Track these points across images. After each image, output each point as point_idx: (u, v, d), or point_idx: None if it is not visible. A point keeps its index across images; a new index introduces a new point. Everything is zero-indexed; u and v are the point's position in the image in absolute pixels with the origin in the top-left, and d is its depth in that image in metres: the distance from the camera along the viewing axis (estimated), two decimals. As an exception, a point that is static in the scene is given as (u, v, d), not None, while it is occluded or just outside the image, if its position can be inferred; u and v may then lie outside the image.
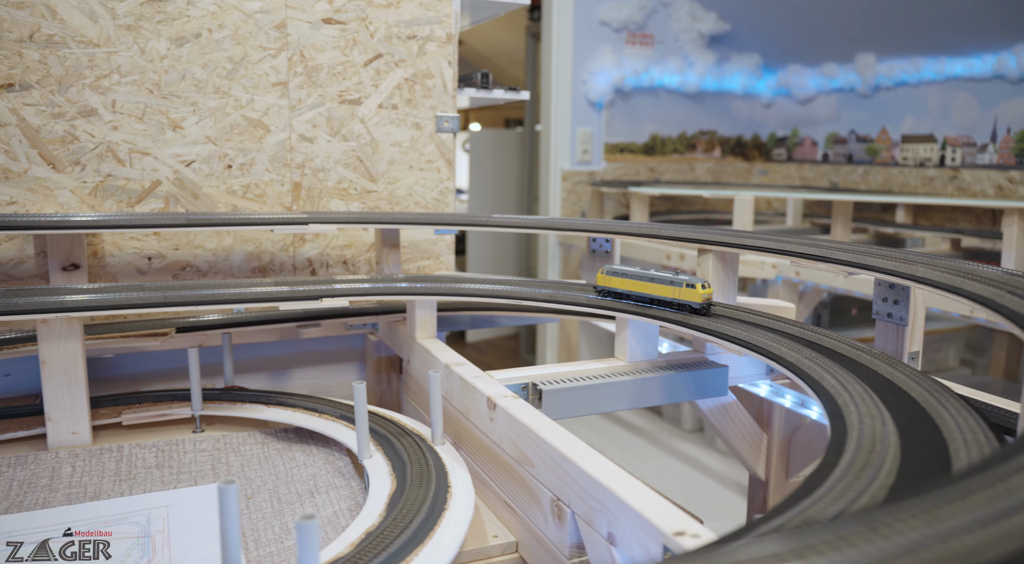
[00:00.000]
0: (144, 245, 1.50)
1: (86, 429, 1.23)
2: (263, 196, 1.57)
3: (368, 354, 1.66)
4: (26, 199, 1.41)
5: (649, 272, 1.20)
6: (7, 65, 1.37)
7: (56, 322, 1.17)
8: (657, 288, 1.17)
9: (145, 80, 1.46)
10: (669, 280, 1.16)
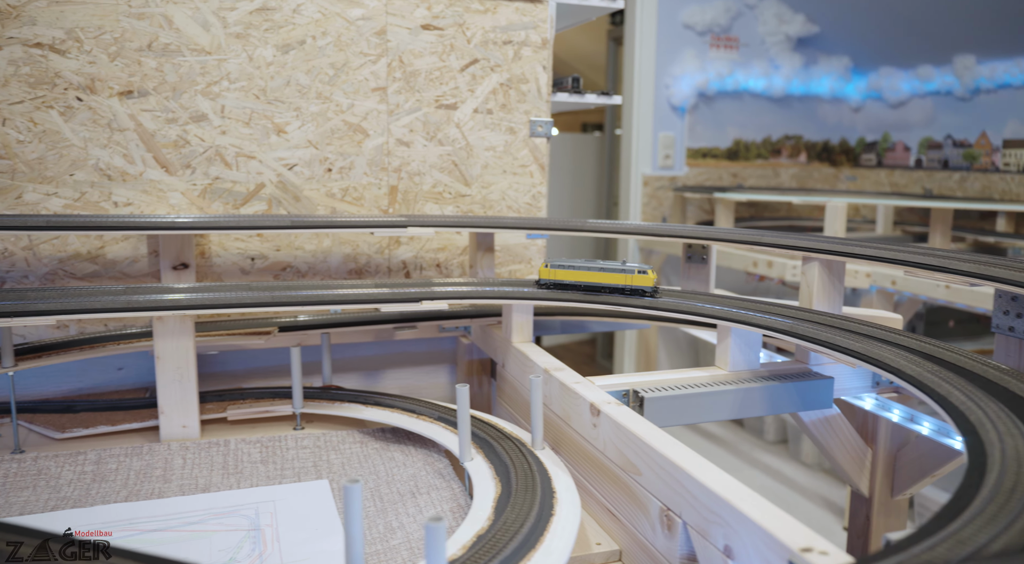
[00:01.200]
0: (248, 246, 1.55)
1: (195, 423, 1.27)
2: (361, 199, 1.60)
3: (459, 357, 1.68)
4: (141, 201, 1.47)
5: (596, 262, 1.30)
6: (127, 73, 1.43)
7: (171, 319, 1.22)
8: (609, 277, 1.28)
9: (252, 86, 1.50)
10: (620, 269, 1.27)
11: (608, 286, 1.28)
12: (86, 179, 1.44)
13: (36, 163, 1.41)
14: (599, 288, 1.29)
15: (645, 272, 1.26)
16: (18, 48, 1.37)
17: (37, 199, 1.42)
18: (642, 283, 1.26)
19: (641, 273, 1.26)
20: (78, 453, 1.21)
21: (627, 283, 1.27)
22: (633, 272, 1.27)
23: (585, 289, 1.30)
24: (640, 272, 1.26)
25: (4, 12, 1.35)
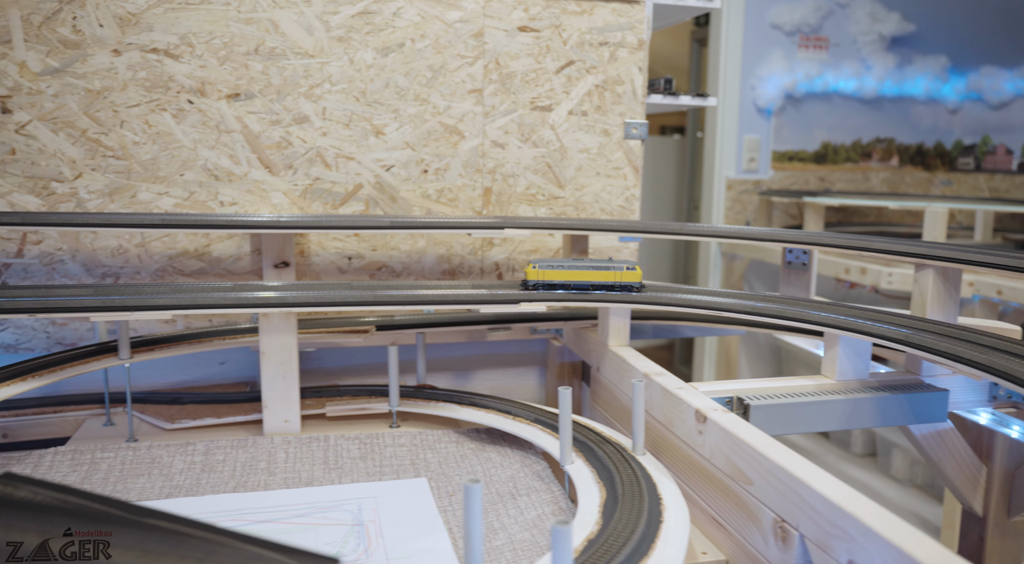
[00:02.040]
0: (345, 245, 1.58)
1: (296, 418, 1.30)
2: (455, 200, 1.61)
3: (550, 359, 1.67)
4: (245, 200, 1.51)
5: (583, 261, 1.33)
6: (235, 76, 1.47)
7: (276, 316, 1.25)
8: (597, 274, 1.30)
9: (353, 89, 1.53)
10: (607, 266, 1.30)
11: (597, 284, 1.31)
12: (195, 179, 1.49)
13: (150, 163, 1.46)
14: (588, 286, 1.31)
15: (633, 269, 1.31)
16: (136, 54, 1.43)
17: (150, 198, 1.47)
18: (630, 279, 1.31)
19: (629, 270, 1.31)
20: (187, 443, 1.25)
21: (616, 280, 1.31)
22: (621, 269, 1.30)
23: (575, 288, 1.31)
24: (628, 269, 1.31)
25: (125, 19, 1.41)
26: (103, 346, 1.34)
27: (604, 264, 1.31)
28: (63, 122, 1.42)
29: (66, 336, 1.49)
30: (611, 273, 1.31)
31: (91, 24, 1.40)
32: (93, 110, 1.43)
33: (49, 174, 1.43)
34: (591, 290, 1.31)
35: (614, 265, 1.31)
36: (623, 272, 1.31)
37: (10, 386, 1.16)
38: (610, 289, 1.31)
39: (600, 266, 1.31)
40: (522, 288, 1.33)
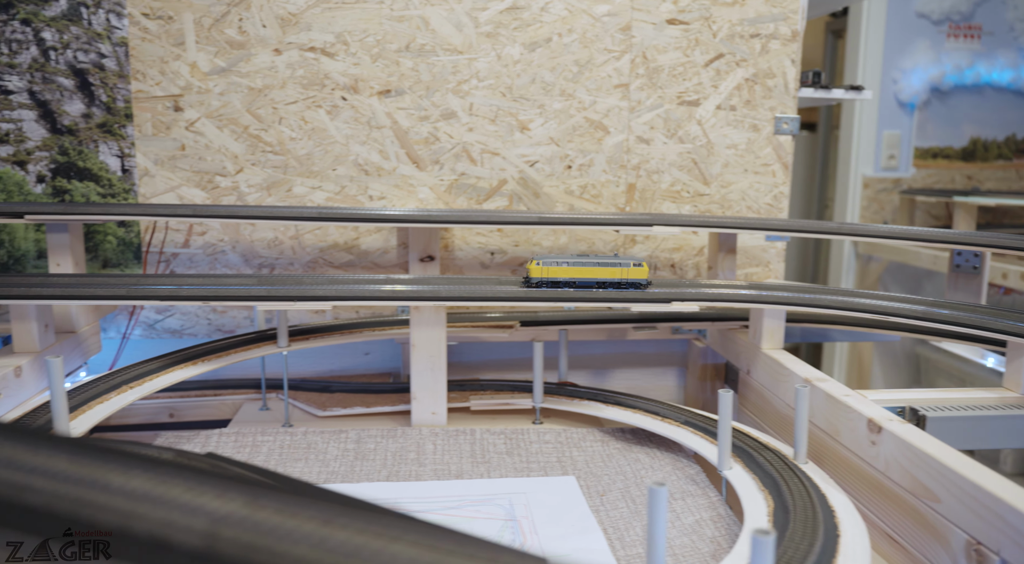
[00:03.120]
0: (488, 241, 1.58)
1: (443, 410, 1.31)
2: (599, 197, 1.59)
3: (691, 360, 1.63)
4: (393, 195, 1.54)
5: (589, 257, 1.28)
6: (386, 73, 1.50)
7: (427, 309, 1.26)
8: (604, 271, 1.26)
9: (499, 84, 1.53)
10: (614, 262, 1.26)
11: (604, 281, 1.26)
12: (346, 174, 1.53)
13: (305, 159, 1.51)
14: (594, 283, 1.27)
15: (640, 265, 1.26)
16: (295, 52, 1.48)
17: (304, 192, 1.52)
18: (637, 276, 1.26)
19: (636, 266, 1.26)
20: (340, 431, 1.29)
21: (623, 277, 1.26)
22: (628, 265, 1.26)
23: (580, 285, 1.27)
24: (635, 265, 1.26)
25: (286, 19, 1.46)
26: (261, 334, 1.39)
27: (610, 260, 1.27)
28: (228, 119, 1.49)
29: (225, 323, 1.56)
30: (618, 269, 1.26)
31: (255, 25, 1.46)
32: (255, 107, 1.49)
33: (214, 169, 1.50)
34: (596, 288, 1.27)
35: (621, 261, 1.27)
36: (630, 268, 1.27)
37: (184, 369, 1.22)
38: (617, 286, 1.27)
39: (606, 262, 1.27)
40: (524, 285, 1.28)
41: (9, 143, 1.47)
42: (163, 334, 1.55)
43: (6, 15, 1.43)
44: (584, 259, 1.28)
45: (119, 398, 1.12)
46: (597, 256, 1.30)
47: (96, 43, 1.45)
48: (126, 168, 1.49)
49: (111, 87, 1.47)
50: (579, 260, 1.28)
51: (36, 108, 1.47)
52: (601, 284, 1.27)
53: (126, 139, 1.48)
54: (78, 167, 1.49)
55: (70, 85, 1.47)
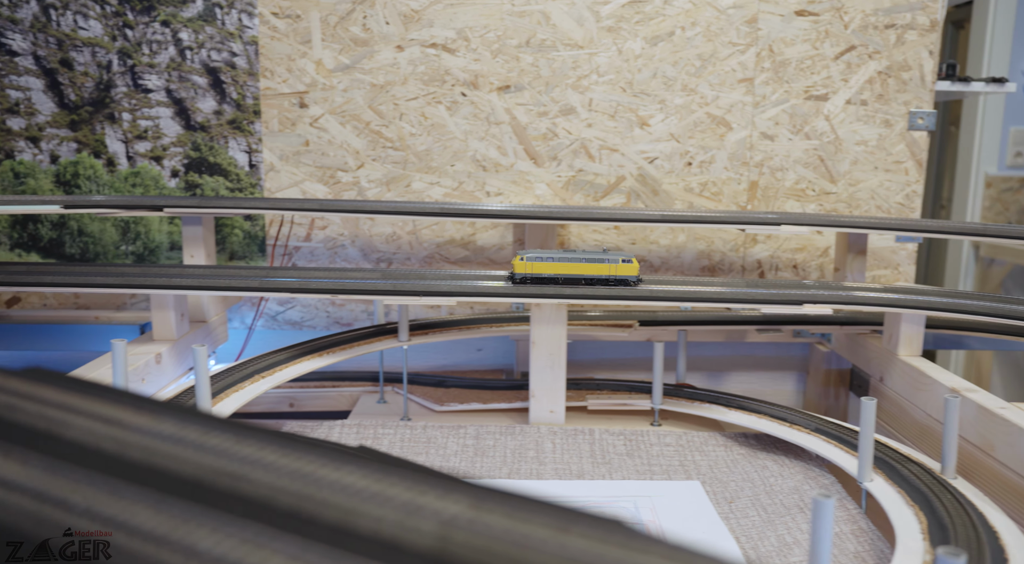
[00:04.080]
0: (604, 238, 1.56)
1: (562, 409, 1.30)
2: (719, 195, 1.55)
3: (812, 364, 1.57)
4: (510, 191, 1.54)
5: (575, 252, 1.24)
6: (506, 69, 1.50)
7: (548, 307, 1.25)
8: (591, 267, 1.22)
9: (620, 79, 1.51)
10: (602, 258, 1.22)
11: (591, 278, 1.22)
12: (464, 170, 1.53)
13: (424, 154, 1.52)
14: (580, 280, 1.23)
15: (629, 261, 1.22)
16: (416, 49, 1.49)
17: (423, 188, 1.54)
18: (626, 273, 1.22)
19: (625, 262, 1.22)
20: (459, 427, 1.29)
21: (611, 273, 1.22)
22: (617, 261, 1.22)
23: (565, 282, 1.23)
24: (624, 261, 1.22)
25: (408, 16, 1.48)
26: (380, 328, 1.41)
27: (597, 256, 1.23)
28: (350, 115, 1.51)
29: (343, 316, 1.59)
30: (605, 266, 1.22)
31: (379, 22, 1.48)
32: (376, 104, 1.51)
33: (336, 164, 1.53)
34: (583, 284, 1.23)
35: (608, 257, 1.23)
36: (618, 265, 1.22)
37: (310, 360, 1.25)
38: (604, 283, 1.23)
39: (593, 258, 1.23)
40: (508, 282, 1.24)
41: (148, 139, 1.53)
42: (284, 325, 1.59)
43: (148, 17, 1.49)
44: (570, 255, 1.24)
45: (252, 387, 1.15)
46: (584, 252, 1.25)
47: (228, 42, 1.50)
48: (253, 163, 1.54)
49: (241, 85, 1.51)
50: (565, 256, 1.24)
51: (172, 106, 1.53)
52: (588, 281, 1.23)
53: (254, 135, 1.53)
54: (209, 162, 1.54)
55: (203, 83, 1.52)
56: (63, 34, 1.50)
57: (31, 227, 1.57)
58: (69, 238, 1.57)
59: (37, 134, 1.53)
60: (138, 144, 1.54)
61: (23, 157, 1.54)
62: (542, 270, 1.23)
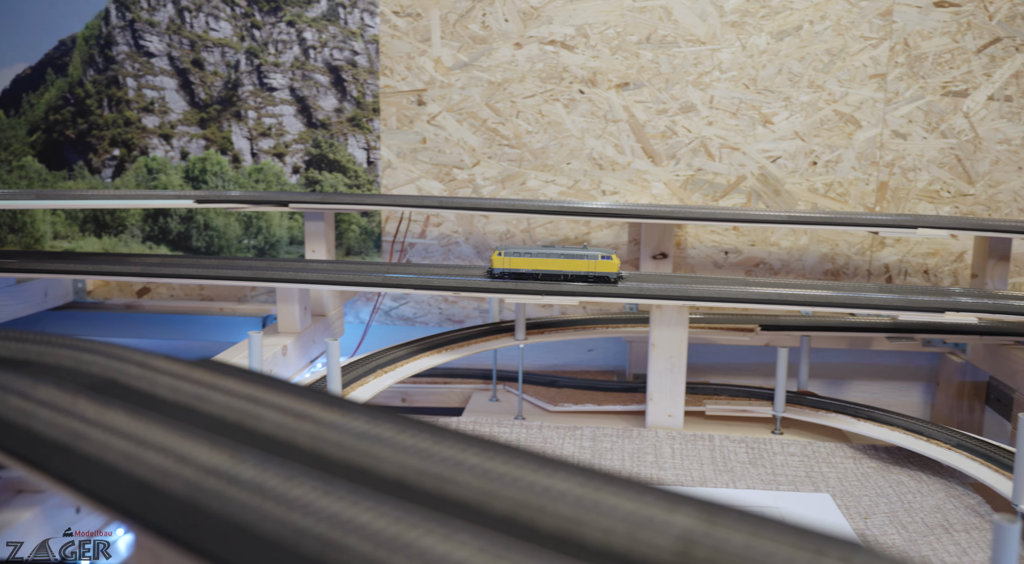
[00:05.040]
0: (723, 239, 1.52)
1: (680, 413, 1.27)
2: (845, 195, 1.49)
3: (943, 376, 1.49)
4: (626, 189, 1.52)
5: (555, 248, 1.21)
6: (625, 65, 1.47)
7: (670, 308, 1.22)
8: (570, 263, 1.19)
9: (742, 76, 1.46)
10: (581, 254, 1.19)
11: (569, 274, 1.20)
12: (580, 168, 1.52)
13: (540, 152, 1.51)
14: (559, 276, 1.20)
15: (609, 257, 1.19)
16: (535, 46, 1.48)
17: (537, 186, 1.53)
18: (606, 269, 1.19)
19: (605, 258, 1.19)
20: (575, 428, 1.28)
21: (590, 270, 1.20)
22: (596, 257, 1.20)
23: (544, 277, 1.20)
24: (604, 257, 1.19)
25: (527, 13, 1.47)
26: (495, 326, 1.41)
27: (577, 252, 1.20)
28: (467, 113, 1.51)
29: (455, 313, 1.60)
30: (584, 262, 1.19)
31: (498, 19, 1.48)
32: (493, 101, 1.51)
33: (452, 161, 1.53)
34: (563, 281, 1.20)
35: (588, 253, 1.20)
36: (598, 261, 1.19)
37: (430, 356, 1.26)
38: (583, 279, 1.20)
39: (573, 254, 1.20)
40: (487, 277, 1.21)
41: (271, 136, 1.57)
42: (397, 321, 1.61)
43: (274, 18, 1.53)
44: (549, 250, 1.21)
45: (376, 381, 1.17)
46: (564, 247, 1.22)
47: (350, 41, 1.53)
48: (371, 160, 1.56)
49: (361, 83, 1.54)
50: (544, 251, 1.21)
51: (295, 104, 1.56)
52: (567, 277, 1.20)
53: (372, 132, 1.55)
54: (328, 159, 1.57)
55: (325, 81, 1.55)
56: (195, 35, 1.56)
57: (161, 221, 1.63)
58: (196, 232, 1.63)
59: (169, 132, 1.60)
60: (262, 141, 1.58)
61: (156, 154, 1.61)
62: (520, 265, 1.21)
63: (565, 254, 1.21)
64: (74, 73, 1.60)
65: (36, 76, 1.62)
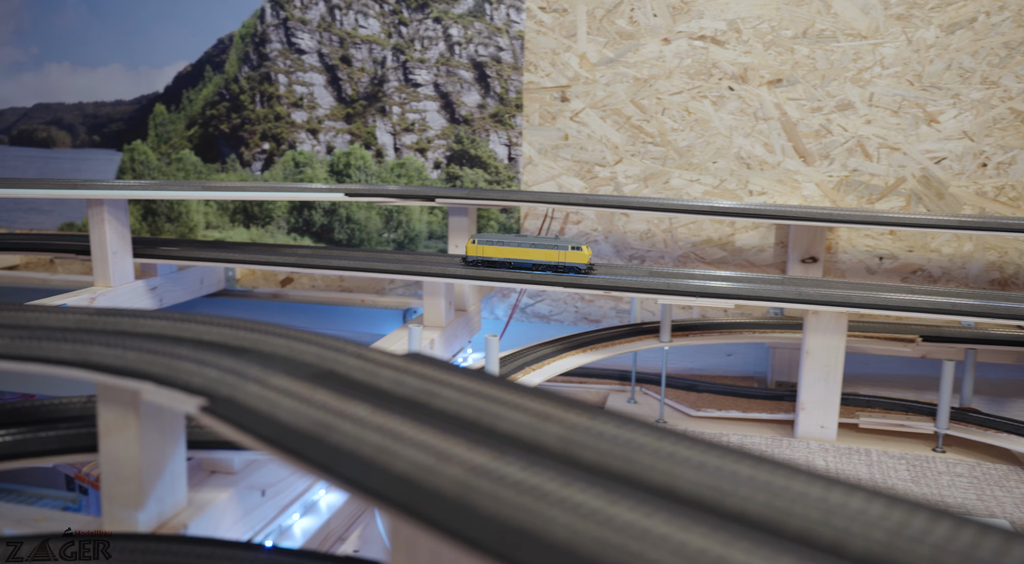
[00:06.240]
0: (878, 244, 1.45)
1: (834, 425, 1.21)
2: (1018, 199, 1.39)
3: (1125, 398, 1.37)
4: (774, 190, 1.46)
5: (527, 237, 1.23)
6: (778, 61, 1.42)
7: (827, 315, 1.17)
8: (541, 253, 1.21)
9: (907, 71, 1.38)
10: (553, 244, 1.21)
11: (540, 263, 1.21)
12: (726, 167, 1.47)
13: (685, 150, 1.48)
14: (530, 265, 1.22)
15: (579, 248, 1.20)
16: (684, 41, 1.45)
17: (681, 185, 1.49)
18: (576, 260, 1.20)
19: (575, 249, 1.20)
20: (720, 434, 1.24)
21: (560, 260, 1.21)
22: (566, 248, 1.21)
23: (515, 266, 1.22)
24: (574, 248, 1.21)
25: (677, 8, 1.44)
26: (636, 327, 1.38)
27: (549, 242, 1.21)
28: (611, 110, 1.49)
29: (592, 312, 1.58)
30: (555, 252, 1.21)
31: (646, 15, 1.45)
32: (638, 98, 1.48)
33: (593, 159, 1.52)
34: (533, 270, 1.22)
35: (559, 243, 1.21)
36: (568, 251, 1.21)
37: (576, 355, 1.24)
38: (554, 270, 1.21)
39: (544, 244, 1.21)
40: (462, 264, 1.25)
41: (414, 132, 1.60)
42: (532, 318, 1.61)
43: (421, 14, 1.55)
44: (521, 239, 1.23)
45: (525, 379, 1.16)
46: (536, 237, 1.24)
47: (495, 37, 1.53)
48: (512, 156, 1.56)
49: (505, 79, 1.54)
50: (516, 240, 1.23)
51: (439, 99, 1.58)
52: (537, 266, 1.22)
53: (514, 128, 1.55)
54: (470, 155, 1.58)
55: (469, 77, 1.56)
56: (344, 32, 1.59)
57: (306, 213, 1.68)
58: (338, 224, 1.67)
59: (316, 126, 1.64)
60: (405, 136, 1.61)
61: (303, 148, 1.66)
62: (493, 254, 1.24)
63: (536, 244, 1.24)
64: (230, 70, 1.67)
65: (196, 73, 1.69)
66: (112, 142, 1.77)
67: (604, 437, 0.38)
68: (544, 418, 0.40)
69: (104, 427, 0.61)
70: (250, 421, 0.43)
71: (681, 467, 0.35)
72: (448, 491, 0.34)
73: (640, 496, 0.32)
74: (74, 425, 0.73)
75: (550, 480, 0.34)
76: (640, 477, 0.35)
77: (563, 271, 1.22)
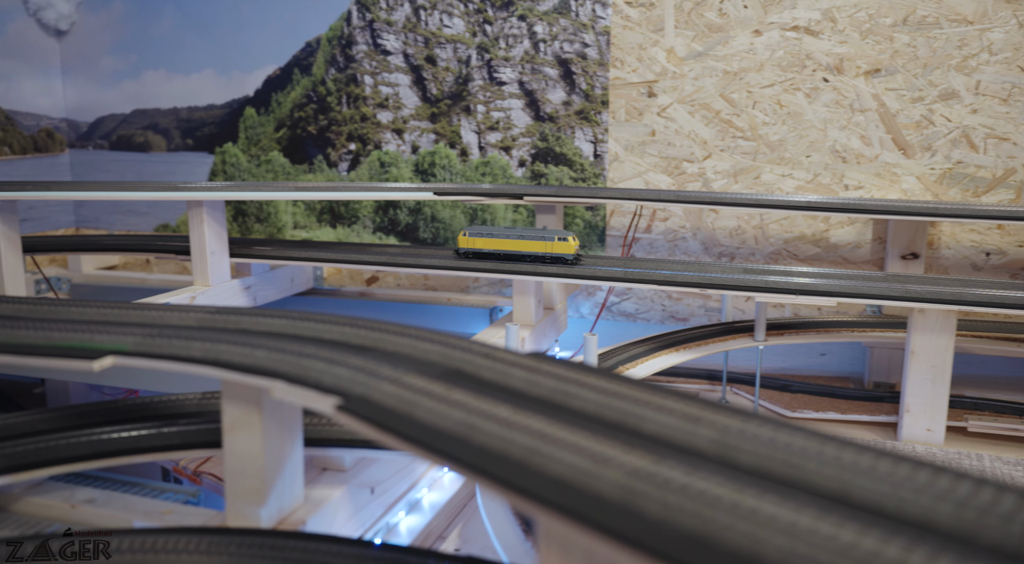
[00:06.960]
0: (984, 239, 1.38)
1: (941, 429, 1.16)
2: None
3: None
4: (872, 184, 1.41)
5: (516, 229, 1.25)
6: (876, 50, 1.37)
7: (934, 313, 1.12)
8: (528, 244, 1.23)
9: (1017, 57, 1.32)
10: (540, 235, 1.22)
11: (528, 254, 1.23)
12: (820, 161, 1.43)
13: (776, 144, 1.44)
14: (519, 256, 1.24)
15: (566, 239, 1.22)
16: (776, 33, 1.41)
17: (773, 180, 1.45)
18: (563, 251, 1.22)
19: (561, 240, 1.22)
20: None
21: (547, 251, 1.23)
22: (553, 239, 1.22)
23: (505, 257, 1.24)
24: (560, 239, 1.22)
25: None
26: (728, 326, 1.35)
27: (537, 233, 1.24)
28: (699, 104, 1.47)
29: (679, 310, 1.55)
30: (542, 243, 1.23)
31: (736, 6, 1.42)
32: (728, 92, 1.45)
33: (681, 155, 1.49)
34: (523, 261, 1.24)
35: (546, 234, 1.23)
36: (554, 242, 1.22)
37: (669, 355, 1.23)
38: (541, 260, 1.23)
39: (531, 235, 1.23)
40: (454, 257, 1.28)
41: (498, 130, 1.60)
42: (618, 316, 1.59)
43: (506, 12, 1.55)
44: (510, 231, 1.25)
45: (618, 378, 1.15)
46: (524, 229, 1.26)
47: (581, 34, 1.52)
48: (598, 153, 1.55)
49: (590, 75, 1.53)
50: (505, 232, 1.25)
51: (523, 97, 1.58)
52: (525, 257, 1.24)
53: (600, 125, 1.53)
54: (555, 152, 1.57)
55: (554, 74, 1.55)
56: (429, 32, 1.60)
57: (391, 212, 1.70)
58: (423, 223, 1.68)
59: (401, 126, 1.66)
60: (489, 135, 1.61)
61: (388, 148, 1.68)
62: (483, 245, 1.27)
63: (524, 235, 1.25)
64: (317, 72, 1.70)
65: (284, 76, 1.73)
66: (205, 145, 1.83)
67: (761, 440, 0.37)
68: (694, 420, 0.39)
69: (228, 424, 0.62)
70: (390, 420, 0.43)
71: (850, 473, 0.33)
72: (611, 495, 0.33)
73: (817, 503, 0.31)
74: (192, 421, 0.75)
75: (717, 485, 0.32)
76: (808, 483, 0.33)
77: (550, 261, 1.25)
